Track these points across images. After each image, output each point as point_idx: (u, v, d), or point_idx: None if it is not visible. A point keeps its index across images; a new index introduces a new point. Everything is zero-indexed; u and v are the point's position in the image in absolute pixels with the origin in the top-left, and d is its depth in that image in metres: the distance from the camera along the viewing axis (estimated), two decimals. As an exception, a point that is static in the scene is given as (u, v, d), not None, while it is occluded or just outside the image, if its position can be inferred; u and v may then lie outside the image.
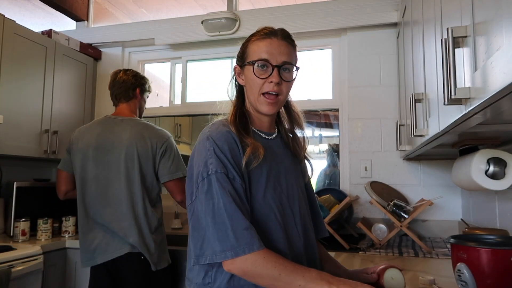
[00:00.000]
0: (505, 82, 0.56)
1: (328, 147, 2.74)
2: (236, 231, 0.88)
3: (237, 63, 1.11)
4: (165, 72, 3.23)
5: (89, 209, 1.81)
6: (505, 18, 0.57)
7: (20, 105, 2.36)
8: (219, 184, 0.92)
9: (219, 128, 1.01)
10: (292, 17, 2.66)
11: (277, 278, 0.88)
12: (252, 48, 1.05)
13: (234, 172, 0.95)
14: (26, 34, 2.42)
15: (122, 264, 1.75)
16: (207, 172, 0.94)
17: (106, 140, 1.83)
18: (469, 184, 1.31)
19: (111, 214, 1.77)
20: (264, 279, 0.89)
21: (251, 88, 1.05)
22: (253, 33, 1.09)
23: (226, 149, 0.97)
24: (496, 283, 0.96)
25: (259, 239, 0.90)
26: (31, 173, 2.80)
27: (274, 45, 1.03)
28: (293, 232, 1.04)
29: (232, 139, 0.99)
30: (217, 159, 0.95)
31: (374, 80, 2.54)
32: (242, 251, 0.88)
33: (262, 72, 1.03)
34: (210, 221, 0.91)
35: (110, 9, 3.42)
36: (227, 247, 0.88)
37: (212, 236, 0.90)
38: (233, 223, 0.89)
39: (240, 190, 0.94)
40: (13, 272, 1.88)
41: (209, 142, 0.97)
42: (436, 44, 1.14)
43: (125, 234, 1.74)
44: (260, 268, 0.88)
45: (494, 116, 0.83)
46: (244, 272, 0.90)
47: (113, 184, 1.79)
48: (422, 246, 1.92)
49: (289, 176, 1.10)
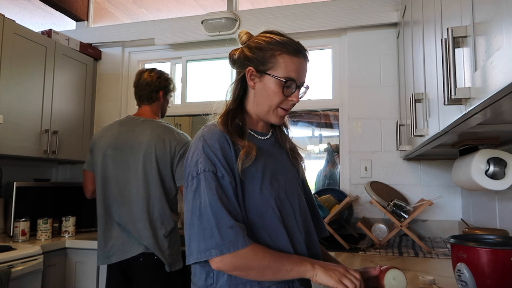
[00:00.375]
0: (505, 82, 0.56)
1: (328, 146, 2.75)
2: (221, 229, 0.90)
3: (253, 66, 1.06)
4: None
5: (108, 208, 1.82)
6: (505, 18, 0.57)
7: (20, 105, 2.36)
8: (207, 182, 0.94)
9: (211, 128, 1.03)
10: (292, 17, 2.66)
11: (267, 267, 0.92)
12: (280, 62, 1.03)
13: (223, 170, 0.96)
14: (26, 34, 2.42)
15: (136, 264, 1.75)
16: (196, 172, 0.96)
17: (126, 140, 1.84)
18: (469, 184, 1.31)
19: (127, 214, 1.77)
20: (255, 270, 0.93)
21: (269, 99, 1.06)
22: (278, 40, 1.04)
23: (216, 147, 0.98)
24: (496, 283, 0.96)
25: (244, 236, 0.91)
26: (31, 173, 2.80)
27: (302, 65, 1.06)
28: (293, 227, 1.04)
29: (224, 138, 1.00)
30: (206, 158, 0.96)
31: (374, 80, 2.54)
32: (227, 249, 0.89)
33: (287, 90, 1.05)
34: (197, 219, 0.92)
35: (110, 9, 3.42)
36: (212, 245, 0.89)
37: (198, 235, 0.91)
38: (218, 221, 0.90)
39: (228, 188, 0.95)
40: (13, 272, 1.88)
41: (200, 141, 1.00)
42: (436, 44, 1.14)
43: (140, 235, 1.74)
44: (250, 260, 0.91)
45: (494, 116, 0.83)
46: (235, 267, 0.91)
47: (131, 185, 1.79)
48: (422, 246, 1.92)
49: (286, 173, 1.11)
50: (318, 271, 0.94)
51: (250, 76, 1.07)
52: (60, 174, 3.06)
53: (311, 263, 0.95)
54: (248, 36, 1.11)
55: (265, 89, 1.05)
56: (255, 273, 0.93)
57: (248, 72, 1.06)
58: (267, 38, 1.06)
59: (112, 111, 3.03)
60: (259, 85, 1.06)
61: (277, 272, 0.93)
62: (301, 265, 0.94)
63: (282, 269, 0.93)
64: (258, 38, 1.08)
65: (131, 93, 3.07)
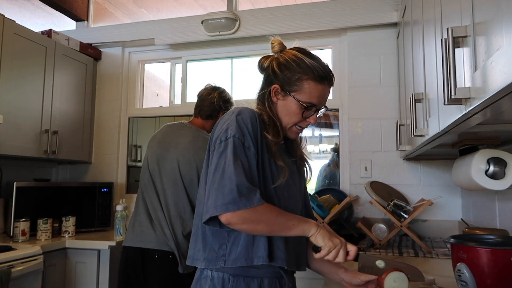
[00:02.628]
0: (505, 82, 0.56)
1: (334, 147, 2.75)
2: (239, 187, 0.94)
3: (279, 84, 1.10)
4: (165, 72, 3.23)
5: (143, 194, 1.87)
6: (505, 18, 0.57)
7: (20, 105, 2.36)
8: (234, 147, 0.99)
9: (247, 108, 1.09)
10: (292, 17, 2.66)
11: (274, 221, 0.98)
12: (306, 88, 1.08)
13: (250, 142, 1.02)
14: (26, 34, 2.42)
15: (152, 257, 1.77)
16: (226, 136, 1.01)
17: (170, 138, 1.90)
18: (469, 184, 1.31)
19: (156, 202, 1.82)
20: (263, 223, 0.98)
21: (288, 117, 1.12)
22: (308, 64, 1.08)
23: (248, 121, 1.04)
24: (496, 283, 0.96)
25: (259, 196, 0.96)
26: (31, 173, 2.80)
27: (325, 92, 1.13)
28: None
29: (256, 117, 1.06)
30: (237, 127, 1.02)
31: (374, 80, 2.54)
32: (244, 205, 0.94)
33: (307, 113, 1.11)
34: (219, 177, 0.97)
35: (110, 9, 3.42)
36: (229, 200, 0.94)
37: (217, 191, 0.96)
38: (238, 180, 0.95)
39: (252, 160, 1.01)
40: (13, 272, 1.88)
41: (234, 114, 1.05)
42: (436, 44, 1.14)
43: (162, 230, 1.78)
44: (259, 214, 0.96)
45: (494, 116, 0.83)
46: (245, 219, 0.95)
47: (161, 179, 1.84)
48: (422, 246, 1.92)
49: (293, 178, 1.15)
50: (321, 230, 1.00)
51: (275, 92, 1.12)
52: (60, 174, 3.06)
53: (316, 224, 1.01)
54: (280, 46, 1.15)
55: (286, 108, 1.11)
56: (262, 227, 0.98)
57: (273, 89, 1.11)
58: (297, 59, 1.09)
59: (112, 111, 3.03)
60: (281, 102, 1.12)
61: (283, 226, 0.99)
62: (306, 222, 1.01)
63: (288, 223, 0.99)
64: (288, 56, 1.11)
65: (131, 93, 3.10)
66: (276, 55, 1.14)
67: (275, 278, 1.06)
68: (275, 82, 1.11)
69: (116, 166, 2.98)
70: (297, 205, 1.15)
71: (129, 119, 3.06)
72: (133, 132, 3.06)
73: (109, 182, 2.80)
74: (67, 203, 2.60)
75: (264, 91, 1.14)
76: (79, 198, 2.64)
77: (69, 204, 2.60)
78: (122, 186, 2.98)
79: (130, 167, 3.02)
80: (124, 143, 3.03)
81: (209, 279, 1.04)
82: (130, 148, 3.04)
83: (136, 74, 3.11)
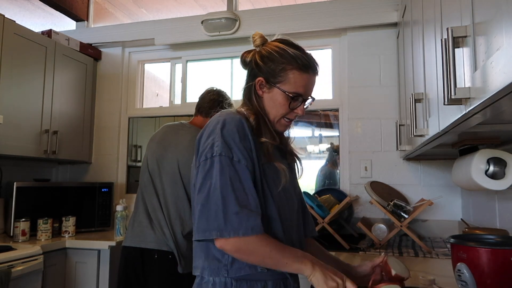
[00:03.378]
0: (505, 82, 0.56)
1: (329, 146, 2.75)
2: (226, 213, 0.91)
3: (264, 76, 1.08)
4: (165, 72, 3.23)
5: (142, 193, 1.88)
6: (505, 18, 0.57)
7: (20, 105, 2.36)
8: (220, 166, 0.95)
9: (231, 114, 1.04)
10: (292, 17, 2.66)
11: (268, 255, 0.94)
12: (290, 77, 1.06)
13: (240, 154, 0.97)
14: (26, 34, 2.42)
15: (152, 257, 1.78)
16: (211, 154, 0.97)
17: (170, 138, 1.91)
18: (469, 184, 1.31)
19: (155, 202, 1.83)
20: (256, 256, 0.95)
21: (275, 109, 1.09)
22: (291, 54, 1.05)
23: (235, 132, 0.99)
24: (496, 283, 0.96)
25: (248, 225, 0.92)
26: (31, 173, 2.80)
27: (310, 81, 1.09)
28: (289, 227, 1.08)
29: (243, 124, 1.02)
30: (223, 142, 0.98)
31: (374, 80, 2.54)
32: (228, 233, 0.91)
33: (294, 104, 1.08)
34: (203, 199, 0.95)
35: (110, 9, 3.42)
36: (214, 227, 0.92)
37: (202, 214, 0.94)
38: (225, 205, 0.92)
39: (243, 172, 0.97)
40: (13, 272, 1.88)
41: (219, 125, 1.01)
42: (436, 44, 1.14)
43: (162, 230, 1.78)
44: (252, 245, 0.93)
45: (494, 116, 0.83)
46: (237, 249, 0.93)
47: (160, 178, 1.85)
48: (422, 246, 1.92)
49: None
50: (316, 273, 0.94)
51: (259, 85, 1.09)
52: (60, 174, 3.06)
53: (312, 263, 0.96)
54: (261, 40, 1.12)
55: (272, 100, 1.08)
56: (255, 258, 0.95)
57: (257, 82, 1.09)
58: (280, 50, 1.07)
59: (112, 111, 3.03)
60: (267, 95, 1.09)
61: (276, 263, 0.95)
62: (301, 262, 0.95)
63: (282, 260, 0.95)
64: (271, 47, 1.09)
65: (131, 93, 3.10)
66: (258, 48, 1.11)
67: (280, 280, 1.03)
68: (259, 75, 1.08)
69: (116, 166, 2.98)
70: (293, 205, 1.13)
71: (129, 119, 3.06)
72: (133, 132, 3.06)
73: (109, 182, 2.80)
74: (67, 203, 2.60)
75: (249, 85, 1.11)
76: (79, 198, 2.64)
77: (69, 204, 2.60)
78: (122, 186, 2.98)
79: (130, 167, 3.02)
80: (124, 143, 3.03)
81: (211, 284, 1.00)
82: (130, 148, 3.04)
83: (136, 74, 3.11)
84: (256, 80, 1.09)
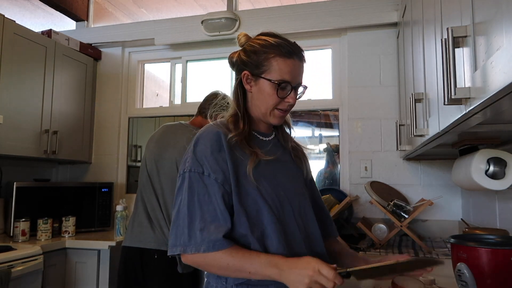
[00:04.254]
0: (505, 82, 0.56)
1: (327, 147, 2.74)
2: (190, 230, 0.94)
3: (249, 70, 1.07)
4: (165, 72, 3.23)
5: (142, 194, 1.88)
6: (505, 18, 0.57)
7: (20, 105, 2.36)
8: (189, 182, 0.98)
9: (208, 128, 1.06)
10: (292, 17, 2.66)
11: (226, 267, 0.94)
12: (274, 65, 1.04)
13: (209, 169, 0.98)
14: (26, 34, 2.42)
15: (151, 257, 1.78)
16: (183, 170, 1.01)
17: (168, 139, 1.91)
18: (469, 184, 1.31)
19: (155, 202, 1.83)
20: (215, 268, 0.96)
21: (265, 101, 1.07)
22: (272, 43, 1.05)
23: (207, 146, 1.00)
24: (496, 283, 0.96)
25: (210, 241, 0.93)
26: (31, 173, 2.80)
27: (296, 67, 1.06)
28: (292, 227, 1.03)
29: (218, 137, 1.02)
30: (193, 157, 1.00)
31: (374, 80, 2.54)
32: (190, 249, 0.93)
33: (282, 92, 1.05)
34: (175, 216, 0.98)
35: (110, 9, 3.42)
36: (180, 243, 0.95)
37: (172, 230, 0.98)
38: (190, 222, 0.95)
39: (212, 187, 0.97)
40: (13, 272, 1.88)
41: (194, 140, 1.04)
42: (436, 44, 1.14)
43: (161, 230, 1.78)
44: (209, 260, 0.94)
45: (494, 116, 0.83)
46: (197, 264, 0.97)
47: (159, 179, 1.85)
48: (422, 246, 1.92)
49: (288, 173, 1.12)
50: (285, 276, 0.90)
51: (246, 79, 1.08)
52: (60, 174, 3.06)
53: (276, 267, 0.91)
54: (246, 38, 1.12)
55: (260, 92, 1.07)
56: (216, 270, 0.97)
57: (244, 76, 1.08)
58: (261, 41, 1.07)
59: (112, 111, 3.03)
60: (255, 88, 1.08)
61: (240, 273, 0.95)
62: (266, 269, 0.92)
63: (243, 270, 0.94)
64: (253, 41, 1.09)
65: (131, 93, 3.10)
66: (243, 46, 1.11)
67: (283, 284, 0.96)
68: (245, 69, 1.08)
69: (116, 166, 2.98)
70: (295, 205, 1.07)
71: (129, 119, 3.06)
72: (133, 132, 3.06)
73: (109, 182, 2.80)
74: (67, 203, 2.60)
75: (236, 82, 1.11)
76: (79, 198, 2.64)
77: (69, 204, 2.60)
78: (122, 186, 2.98)
79: (130, 167, 3.02)
80: (124, 143, 3.03)
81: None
82: (130, 148, 3.04)
83: (136, 74, 3.11)
84: (242, 74, 1.08)
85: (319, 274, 0.87)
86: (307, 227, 1.08)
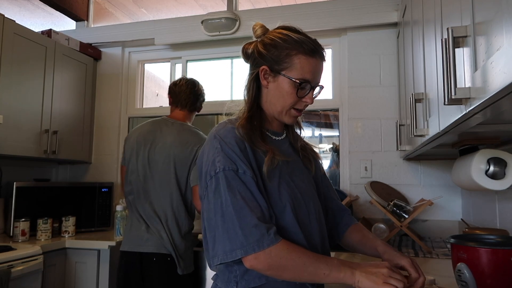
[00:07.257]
0: (505, 82, 0.56)
1: (333, 146, 2.75)
2: (244, 228, 0.87)
3: (268, 64, 1.01)
4: (165, 72, 3.23)
5: (133, 200, 1.86)
6: (505, 18, 0.57)
7: (20, 105, 2.36)
8: (227, 181, 0.91)
9: (226, 127, 1.00)
10: (292, 17, 2.66)
11: (302, 269, 0.88)
12: (296, 63, 0.99)
13: (244, 166, 0.93)
14: (26, 34, 2.41)
15: (150, 260, 1.78)
16: (214, 171, 0.93)
17: (154, 138, 1.89)
18: (469, 184, 1.31)
19: (148, 209, 1.82)
20: (289, 271, 0.88)
21: (282, 99, 1.02)
22: (295, 39, 1.00)
23: (234, 144, 0.95)
24: (496, 283, 0.96)
25: (270, 234, 0.88)
26: (31, 173, 2.80)
27: (318, 66, 1.02)
28: (309, 228, 1.02)
29: (240, 133, 0.98)
30: (224, 156, 0.93)
31: (374, 80, 2.54)
32: (252, 249, 0.86)
33: (302, 92, 1.01)
34: (220, 219, 0.90)
35: (110, 9, 3.41)
36: (237, 246, 0.87)
37: (222, 235, 0.89)
38: (241, 220, 0.87)
39: (251, 184, 0.92)
40: (13, 272, 1.88)
41: (216, 140, 0.97)
42: (436, 44, 1.14)
43: (159, 233, 1.78)
44: (285, 260, 0.87)
45: (494, 116, 0.83)
46: (270, 266, 0.88)
47: (153, 182, 1.84)
48: (422, 246, 1.92)
49: (301, 174, 1.08)
50: (359, 278, 0.87)
51: (264, 75, 1.03)
52: (60, 174, 3.06)
53: (351, 269, 0.88)
54: (263, 30, 1.06)
55: (278, 89, 1.02)
56: (289, 273, 0.89)
57: (261, 71, 1.02)
58: (283, 36, 1.01)
59: (112, 111, 3.03)
60: (273, 84, 1.03)
61: (313, 276, 0.88)
62: (339, 270, 0.88)
63: (319, 272, 0.88)
64: (273, 35, 1.03)
65: (131, 93, 3.10)
66: (260, 38, 1.05)
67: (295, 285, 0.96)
68: (263, 64, 1.02)
69: (116, 166, 2.97)
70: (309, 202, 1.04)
71: (129, 119, 3.06)
72: (133, 132, 3.06)
73: (109, 182, 2.80)
74: (67, 203, 2.60)
75: (252, 77, 1.04)
76: (79, 198, 2.64)
77: (69, 204, 2.60)
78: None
79: (130, 167, 3.02)
80: (124, 143, 3.02)
81: None
82: (130, 148, 3.04)
83: (136, 74, 3.11)
84: (260, 69, 1.02)
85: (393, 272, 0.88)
86: (321, 230, 1.07)
